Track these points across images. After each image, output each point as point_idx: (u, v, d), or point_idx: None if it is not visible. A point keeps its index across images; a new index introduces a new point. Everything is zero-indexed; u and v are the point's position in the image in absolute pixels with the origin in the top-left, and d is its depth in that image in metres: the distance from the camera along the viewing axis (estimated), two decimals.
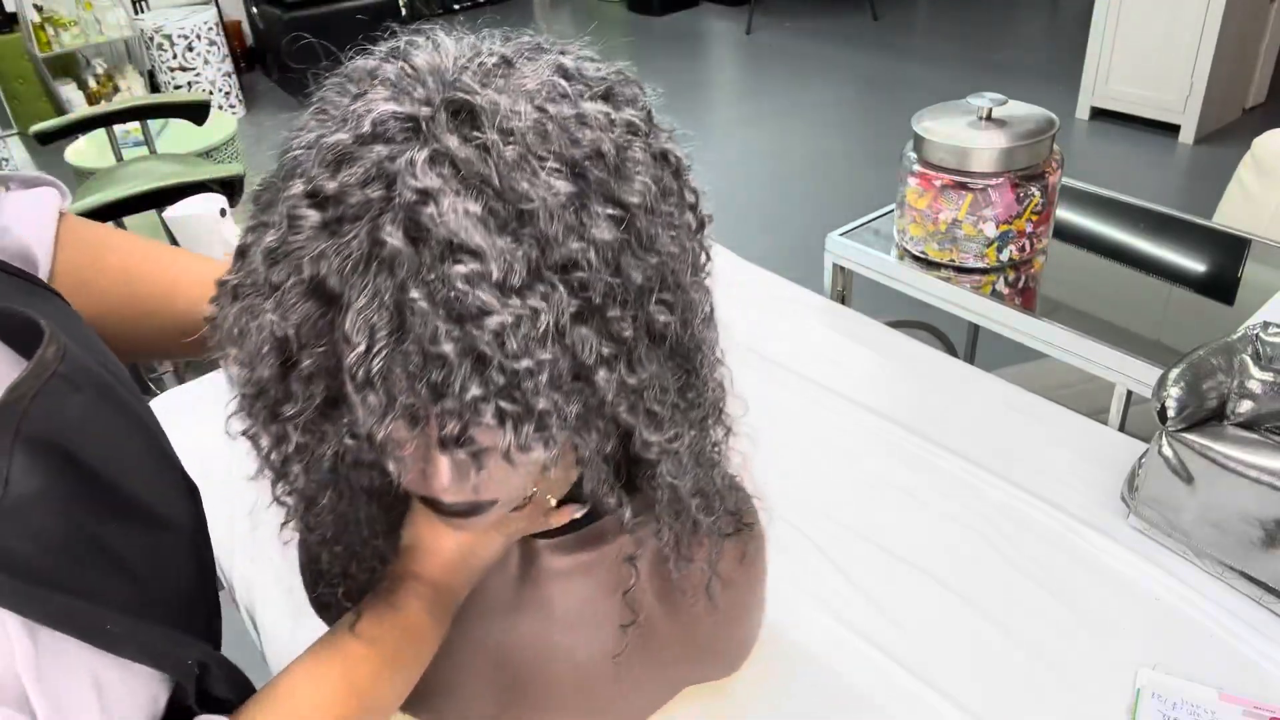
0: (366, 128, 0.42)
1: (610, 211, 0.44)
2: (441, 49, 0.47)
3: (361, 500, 0.58)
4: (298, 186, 0.43)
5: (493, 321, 0.41)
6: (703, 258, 0.53)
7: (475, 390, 0.42)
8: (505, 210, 0.42)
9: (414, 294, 0.41)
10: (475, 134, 0.42)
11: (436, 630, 0.61)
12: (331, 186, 0.42)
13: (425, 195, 0.41)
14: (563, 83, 0.46)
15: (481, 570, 0.65)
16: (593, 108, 0.45)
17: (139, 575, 0.46)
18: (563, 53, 0.49)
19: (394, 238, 0.41)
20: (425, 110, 0.43)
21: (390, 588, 0.60)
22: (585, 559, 0.67)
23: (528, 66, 0.46)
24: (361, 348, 0.41)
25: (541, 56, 0.48)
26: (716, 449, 0.60)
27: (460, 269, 0.40)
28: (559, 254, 0.42)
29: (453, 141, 0.42)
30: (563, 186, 0.43)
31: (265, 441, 0.49)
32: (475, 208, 0.41)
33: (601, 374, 0.45)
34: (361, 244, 0.41)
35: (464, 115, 0.43)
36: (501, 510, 0.56)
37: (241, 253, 0.46)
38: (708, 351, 0.54)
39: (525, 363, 0.42)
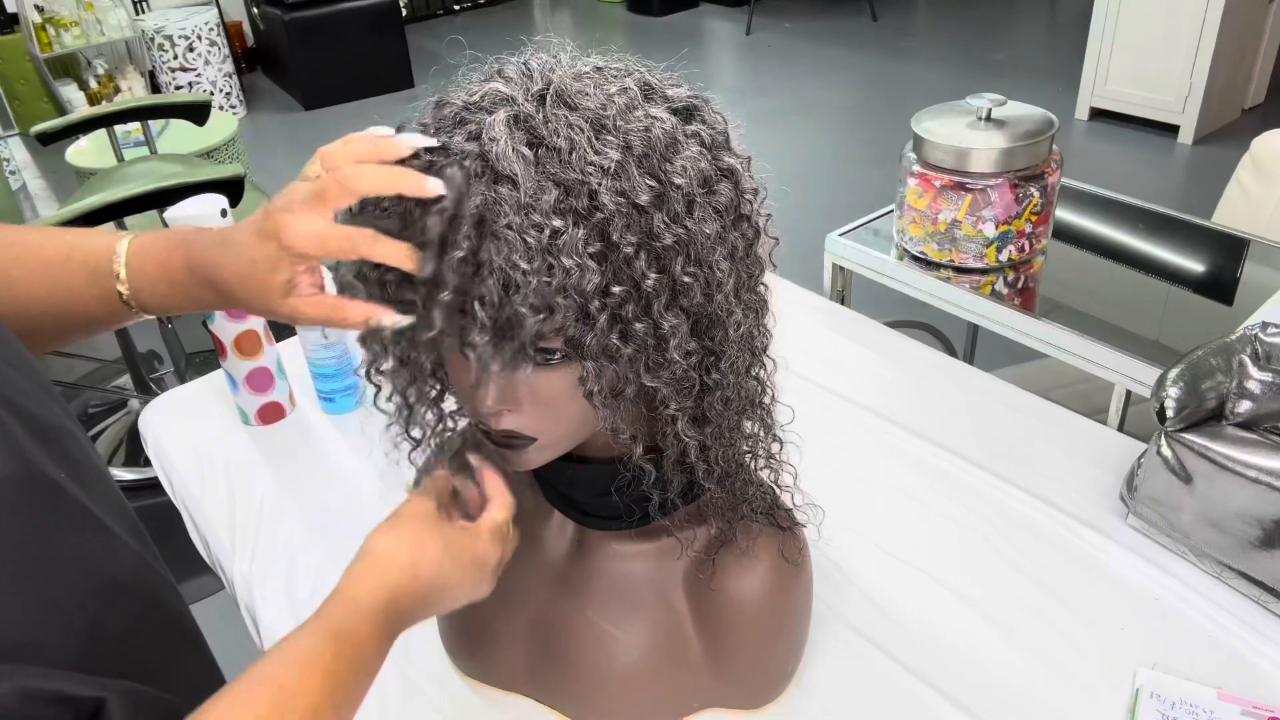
0: (476, 99, 0.55)
1: (648, 182, 0.53)
2: (557, 58, 0.58)
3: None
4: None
5: (504, 229, 0.51)
6: (754, 264, 0.61)
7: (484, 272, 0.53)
8: (551, 160, 0.52)
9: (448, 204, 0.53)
10: (548, 108, 0.54)
11: (379, 664, 0.57)
12: (443, 138, 0.55)
13: (494, 142, 0.52)
14: (637, 89, 0.56)
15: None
16: (656, 109, 0.56)
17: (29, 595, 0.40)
18: (651, 73, 0.59)
19: (458, 175, 0.53)
20: (520, 92, 0.55)
21: (346, 607, 0.56)
22: (633, 549, 0.73)
23: (615, 76, 0.57)
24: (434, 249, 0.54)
25: (631, 73, 0.58)
26: (750, 441, 0.67)
27: (494, 190, 0.52)
28: (586, 200, 0.52)
29: (529, 108, 0.54)
30: (612, 154, 0.53)
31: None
32: (527, 153, 0.52)
33: (596, 303, 0.53)
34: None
35: (546, 96, 0.54)
36: (540, 450, 0.61)
37: None
38: (733, 330, 0.59)
39: (524, 266, 0.51)
